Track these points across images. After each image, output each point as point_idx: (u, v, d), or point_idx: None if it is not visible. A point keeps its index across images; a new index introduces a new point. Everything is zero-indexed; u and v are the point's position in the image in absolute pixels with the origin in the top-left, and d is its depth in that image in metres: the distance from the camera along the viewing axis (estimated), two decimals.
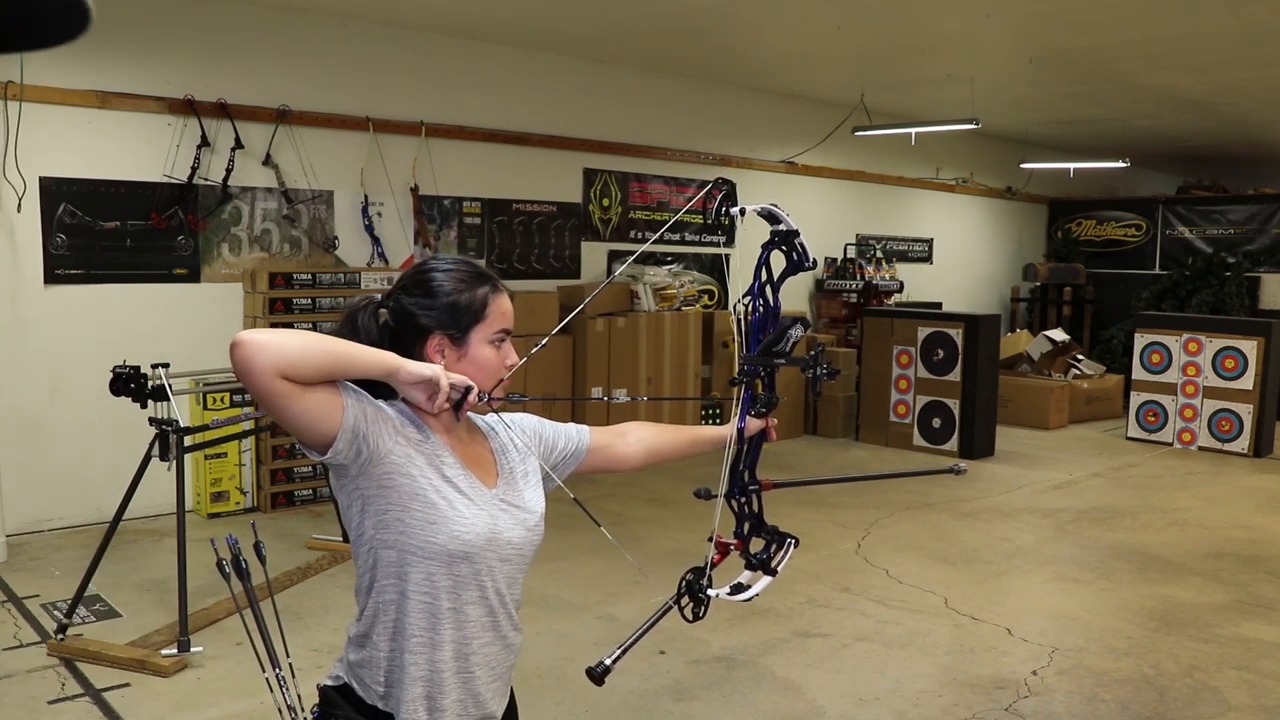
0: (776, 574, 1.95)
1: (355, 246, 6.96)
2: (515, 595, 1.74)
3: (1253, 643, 4.50)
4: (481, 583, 1.64)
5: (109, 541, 4.25)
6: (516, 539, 1.69)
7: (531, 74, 7.80)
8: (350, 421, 1.52)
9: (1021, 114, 10.38)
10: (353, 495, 1.60)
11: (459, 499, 1.62)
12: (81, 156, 5.81)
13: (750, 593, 1.93)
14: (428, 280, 1.70)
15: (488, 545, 1.64)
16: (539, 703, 3.74)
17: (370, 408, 1.56)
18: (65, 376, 5.80)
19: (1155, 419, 9.16)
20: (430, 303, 1.68)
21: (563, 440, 1.94)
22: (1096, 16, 6.47)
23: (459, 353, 1.69)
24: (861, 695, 3.90)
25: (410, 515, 1.58)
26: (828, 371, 1.98)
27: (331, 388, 1.51)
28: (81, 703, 3.69)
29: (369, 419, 1.55)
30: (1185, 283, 11.75)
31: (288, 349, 1.43)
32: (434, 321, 1.67)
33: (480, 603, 1.65)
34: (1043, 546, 5.96)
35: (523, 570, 1.75)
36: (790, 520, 6.37)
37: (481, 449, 1.76)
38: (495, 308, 1.72)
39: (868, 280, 10.09)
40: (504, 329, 1.74)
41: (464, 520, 1.61)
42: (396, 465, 1.57)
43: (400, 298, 1.70)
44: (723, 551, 1.97)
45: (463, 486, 1.64)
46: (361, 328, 1.67)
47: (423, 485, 1.59)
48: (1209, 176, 14.13)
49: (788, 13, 6.58)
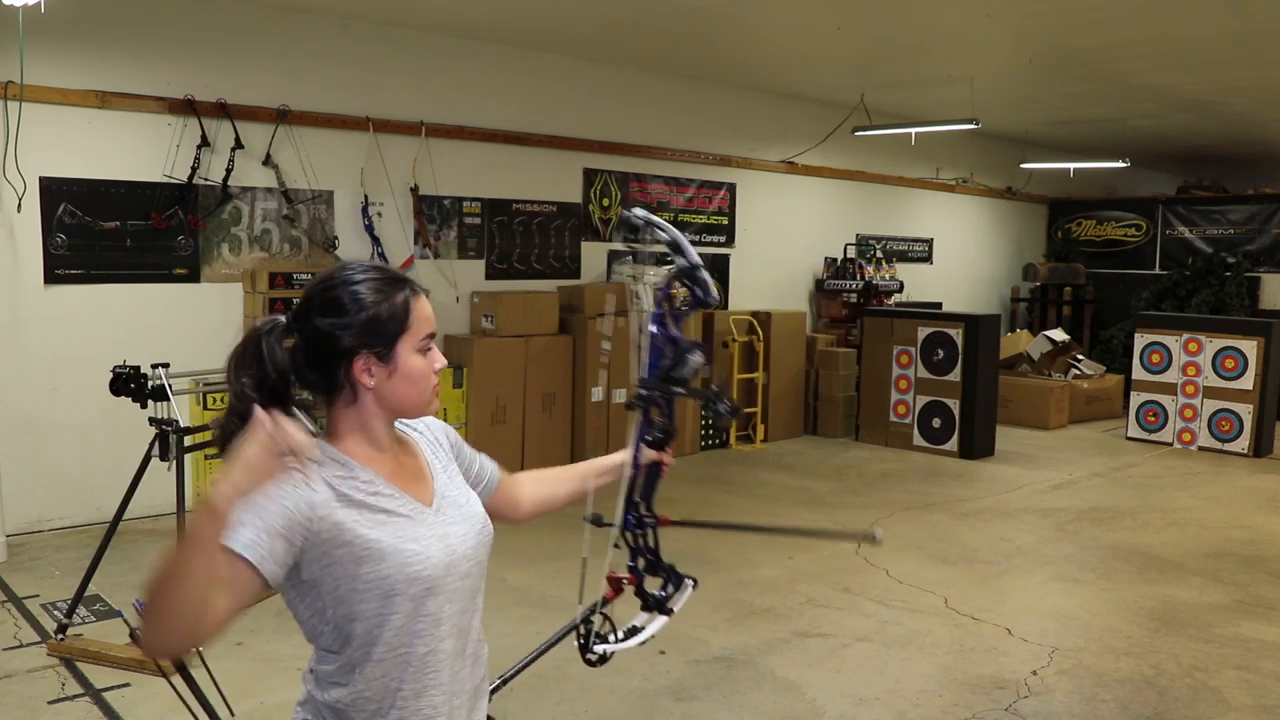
0: (673, 614, 1.88)
1: (355, 246, 6.96)
2: (478, 606, 1.67)
3: (1253, 643, 4.50)
4: (450, 612, 1.58)
5: (109, 541, 4.24)
6: (469, 550, 1.61)
7: (531, 74, 7.80)
8: (268, 564, 1.39)
9: (1021, 114, 10.38)
10: (304, 590, 1.49)
11: (405, 534, 1.52)
12: (81, 156, 5.81)
13: (645, 635, 1.85)
14: (338, 296, 1.53)
15: (447, 571, 1.56)
16: (539, 703, 3.74)
17: (271, 517, 1.39)
18: (65, 376, 5.80)
19: (1155, 419, 9.16)
20: (347, 320, 1.51)
21: (477, 466, 1.81)
22: (1096, 16, 6.46)
23: (388, 369, 1.54)
24: (861, 695, 3.90)
25: (361, 582, 1.48)
26: (729, 409, 1.90)
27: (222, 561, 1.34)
28: (81, 703, 3.69)
29: (278, 533, 1.40)
30: (1185, 283, 11.75)
31: (159, 621, 1.31)
32: (356, 340, 1.51)
33: (452, 634, 1.58)
34: (1043, 546, 5.96)
35: (482, 578, 1.66)
36: (791, 520, 6.40)
37: (412, 458, 1.65)
38: (418, 313, 1.57)
39: (868, 280, 10.08)
40: (429, 333, 1.59)
41: (417, 558, 1.51)
42: (329, 539, 1.46)
43: (311, 319, 1.52)
44: (616, 588, 1.86)
45: (404, 512, 1.54)
46: (266, 356, 1.46)
47: (363, 541, 1.47)
48: (1209, 176, 14.13)
49: (788, 13, 6.58)
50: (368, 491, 1.52)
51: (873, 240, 11.00)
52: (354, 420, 1.56)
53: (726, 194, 9.47)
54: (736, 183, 9.54)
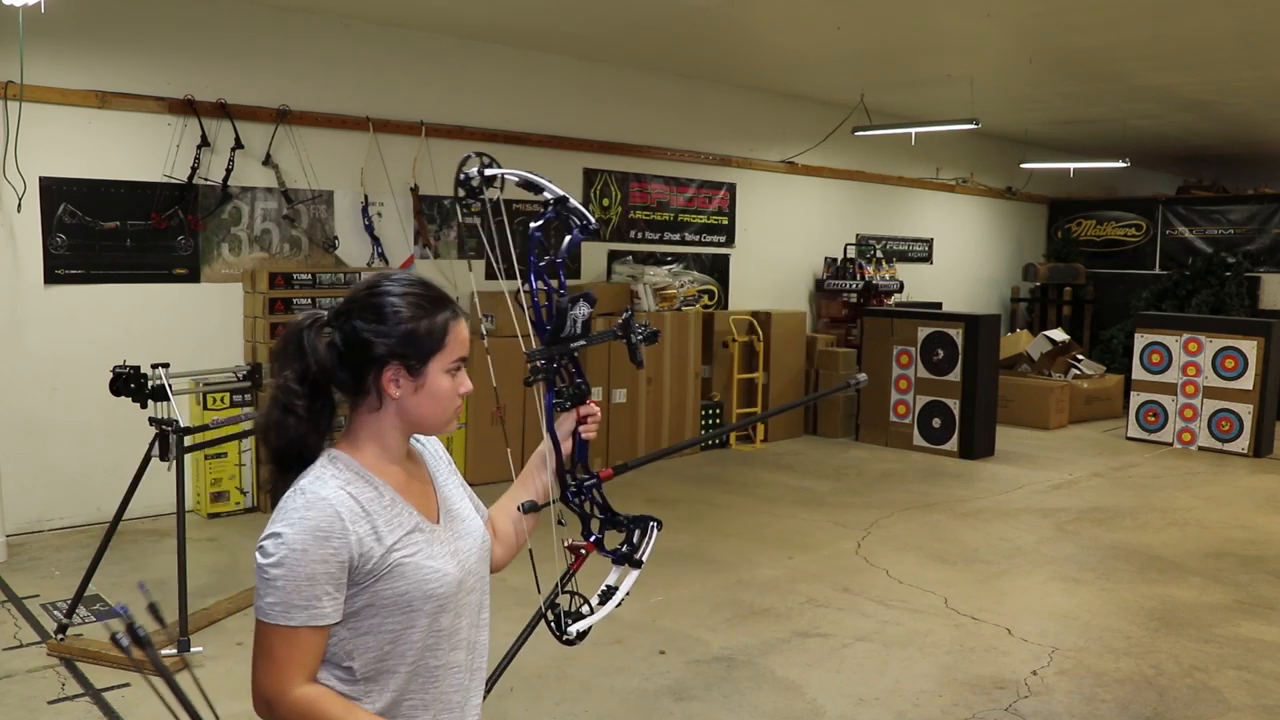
0: (642, 565, 1.84)
1: (355, 246, 6.96)
2: (484, 621, 1.69)
3: (1253, 643, 4.50)
4: (460, 625, 1.60)
5: (109, 541, 4.24)
6: (474, 564, 1.64)
7: (531, 74, 7.80)
8: (337, 614, 1.48)
9: (1021, 114, 10.38)
10: None
11: (422, 552, 1.54)
12: (81, 156, 5.81)
13: (620, 595, 1.82)
14: (380, 304, 1.55)
15: (459, 587, 1.58)
16: (539, 703, 3.74)
17: (319, 580, 1.45)
18: (65, 376, 5.80)
19: (1155, 419, 9.16)
20: (385, 329, 1.53)
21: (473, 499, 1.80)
22: (1096, 16, 6.46)
23: (415, 384, 1.55)
24: (861, 695, 3.90)
25: (380, 598, 1.51)
26: (644, 335, 1.81)
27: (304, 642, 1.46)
28: (81, 703, 3.69)
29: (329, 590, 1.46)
30: (1185, 283, 11.75)
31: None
32: (390, 350, 1.53)
33: (462, 647, 1.61)
34: (1043, 546, 5.96)
35: (486, 593, 1.69)
36: (791, 520, 6.41)
37: (418, 468, 1.68)
38: (455, 335, 1.58)
39: (868, 280, 10.08)
40: (461, 357, 1.60)
41: (435, 575, 1.54)
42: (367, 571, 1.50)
43: (352, 321, 1.54)
44: (577, 556, 1.83)
45: (422, 529, 1.57)
46: (308, 350, 1.52)
47: (388, 563, 1.51)
48: (1209, 176, 14.13)
49: (788, 13, 6.58)
50: (391, 513, 1.54)
51: (873, 240, 11.00)
52: (373, 427, 1.58)
53: (726, 194, 9.48)
54: (736, 183, 9.54)
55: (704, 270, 9.28)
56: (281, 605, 1.43)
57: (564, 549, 1.82)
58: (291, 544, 1.43)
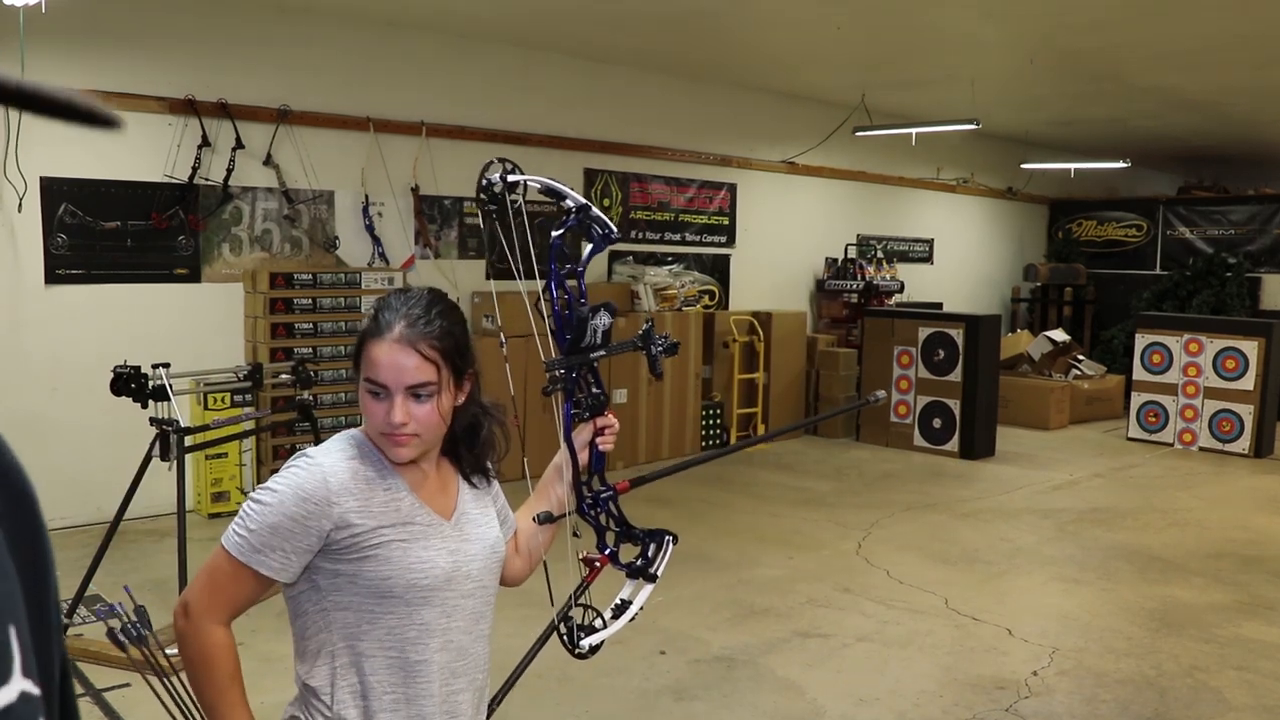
0: (657, 579, 1.82)
1: (356, 246, 6.96)
2: (483, 632, 1.68)
3: (1253, 643, 4.50)
4: (445, 626, 1.59)
5: (109, 541, 4.24)
6: (475, 570, 1.63)
7: (531, 74, 7.80)
8: (285, 574, 1.53)
9: (1022, 114, 10.37)
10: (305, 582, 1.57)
11: (415, 542, 1.56)
12: (82, 156, 5.80)
13: (634, 609, 1.80)
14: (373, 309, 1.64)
15: (448, 585, 1.58)
16: (539, 703, 3.74)
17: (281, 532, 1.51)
18: (65, 376, 5.80)
19: (1156, 419, 9.15)
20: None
21: (505, 506, 1.82)
22: (1096, 16, 6.46)
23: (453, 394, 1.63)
24: (861, 695, 3.89)
25: (361, 579, 1.54)
26: (665, 347, 1.80)
27: (244, 581, 1.55)
28: (81, 703, 3.69)
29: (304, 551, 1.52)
30: (1186, 283, 11.75)
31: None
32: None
33: (445, 649, 1.59)
34: (1043, 547, 5.96)
35: (489, 604, 1.68)
36: (791, 520, 6.41)
37: (447, 475, 1.69)
38: (367, 355, 1.54)
39: (868, 280, 10.08)
40: (374, 380, 1.53)
41: (421, 565, 1.55)
42: (344, 544, 1.53)
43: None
44: (592, 569, 1.81)
45: (420, 521, 1.58)
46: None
47: (371, 543, 1.53)
48: (1210, 177, 14.12)
49: (788, 13, 6.58)
50: (388, 496, 1.57)
51: (873, 240, 10.99)
52: None
53: (727, 194, 9.47)
54: (737, 183, 9.54)
55: (704, 270, 9.28)
56: (243, 540, 1.52)
57: (579, 561, 1.82)
58: (275, 492, 1.52)
